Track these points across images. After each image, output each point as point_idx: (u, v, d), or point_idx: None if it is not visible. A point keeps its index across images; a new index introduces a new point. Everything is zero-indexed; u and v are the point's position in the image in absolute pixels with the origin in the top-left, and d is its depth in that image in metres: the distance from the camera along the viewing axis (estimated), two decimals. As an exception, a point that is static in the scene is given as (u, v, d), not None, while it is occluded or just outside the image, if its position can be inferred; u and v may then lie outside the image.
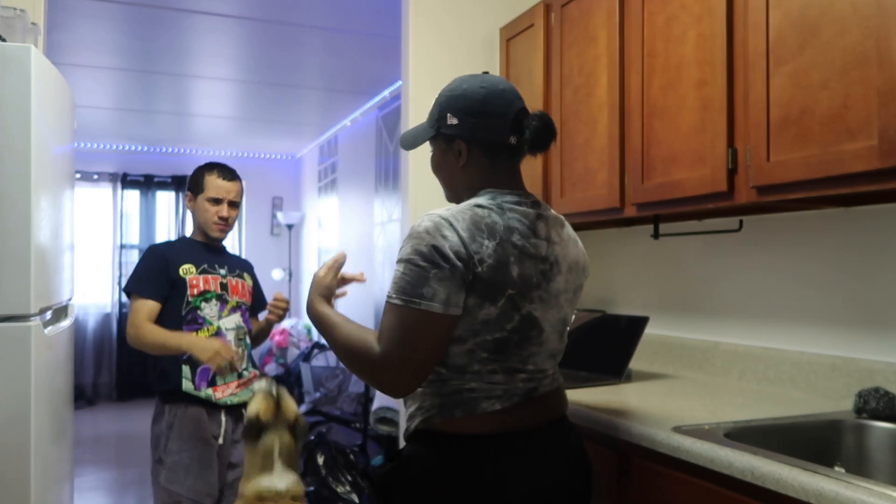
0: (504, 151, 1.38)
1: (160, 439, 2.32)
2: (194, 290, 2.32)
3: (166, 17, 3.79)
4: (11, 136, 1.70)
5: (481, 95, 1.36)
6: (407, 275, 1.24)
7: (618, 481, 1.61)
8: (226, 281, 2.41)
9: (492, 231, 1.27)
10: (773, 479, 1.19)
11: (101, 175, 7.29)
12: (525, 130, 1.36)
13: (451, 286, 1.23)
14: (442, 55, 2.89)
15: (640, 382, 2.12)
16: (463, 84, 1.40)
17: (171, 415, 2.29)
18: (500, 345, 1.29)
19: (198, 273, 2.35)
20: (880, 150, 1.39)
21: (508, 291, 1.27)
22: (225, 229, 2.44)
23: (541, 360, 1.35)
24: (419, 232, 1.26)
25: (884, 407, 1.55)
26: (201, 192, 2.41)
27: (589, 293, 2.93)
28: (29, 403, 1.70)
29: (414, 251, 1.25)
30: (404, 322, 1.23)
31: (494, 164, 1.39)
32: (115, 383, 7.25)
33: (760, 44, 1.67)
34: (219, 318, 2.35)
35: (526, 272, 1.29)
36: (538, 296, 1.31)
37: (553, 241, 1.38)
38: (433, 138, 1.44)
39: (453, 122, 1.38)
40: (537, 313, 1.31)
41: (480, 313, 1.26)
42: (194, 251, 2.42)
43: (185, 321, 2.30)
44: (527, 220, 1.34)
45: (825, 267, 1.91)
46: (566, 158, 2.48)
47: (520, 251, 1.30)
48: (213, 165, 2.46)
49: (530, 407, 1.34)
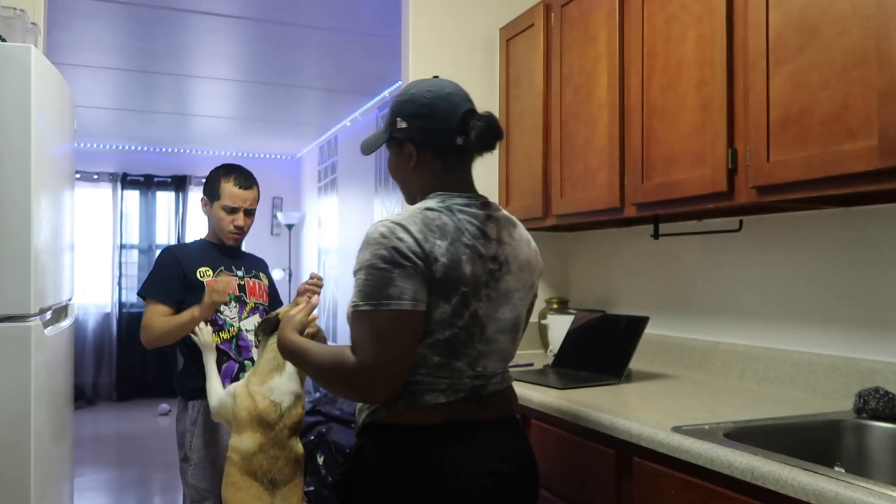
0: (452, 153, 1.41)
1: (185, 436, 2.31)
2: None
3: (166, 17, 3.79)
4: (11, 136, 1.70)
5: (428, 99, 1.40)
6: (370, 280, 1.26)
7: (618, 481, 1.61)
8: (243, 283, 2.40)
9: (443, 231, 1.31)
10: (773, 479, 1.19)
11: (101, 175, 7.29)
12: (471, 131, 1.37)
13: (415, 283, 1.26)
14: (442, 55, 2.90)
15: (640, 382, 2.12)
16: (411, 89, 1.44)
17: (195, 411, 2.29)
18: (450, 344, 1.31)
19: (215, 275, 2.35)
20: (880, 150, 1.39)
21: (462, 289, 1.30)
22: (239, 238, 2.44)
23: (488, 360, 1.37)
24: (375, 238, 1.29)
25: (884, 407, 1.55)
26: (217, 199, 2.38)
27: (589, 293, 2.93)
28: (29, 403, 1.70)
29: (373, 256, 1.27)
30: (376, 326, 1.25)
31: (444, 166, 1.42)
32: (115, 383, 7.25)
33: (760, 44, 1.67)
34: (239, 320, 2.35)
35: (476, 271, 1.32)
36: (486, 294, 1.34)
37: (503, 242, 1.40)
38: (388, 142, 1.47)
39: (402, 125, 1.41)
40: (482, 312, 1.34)
41: (436, 312, 1.29)
42: (210, 253, 2.41)
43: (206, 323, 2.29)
44: (476, 221, 1.37)
45: (825, 267, 1.91)
46: (566, 158, 2.48)
47: (471, 251, 1.32)
48: (231, 170, 2.42)
49: (478, 403, 1.36)
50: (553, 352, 2.56)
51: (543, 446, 1.90)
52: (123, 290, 7.32)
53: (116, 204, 7.34)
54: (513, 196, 2.85)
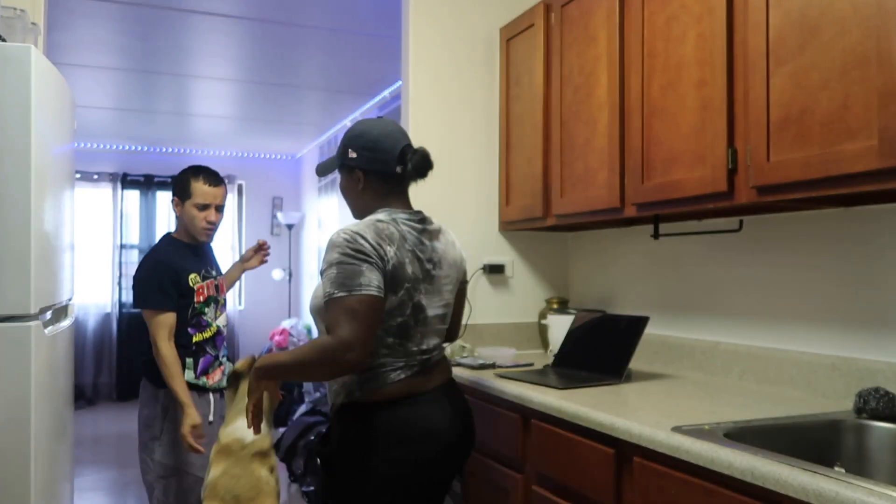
0: (393, 178, 1.75)
1: (154, 420, 2.46)
2: (200, 298, 2.52)
3: (166, 17, 3.79)
4: (11, 136, 1.70)
5: (374, 135, 1.75)
6: (342, 272, 1.55)
7: (618, 481, 1.61)
8: (217, 283, 2.63)
9: (391, 238, 1.64)
10: (773, 479, 1.19)
11: (101, 175, 7.29)
12: (408, 162, 1.73)
13: (377, 275, 1.57)
14: (442, 55, 2.90)
15: (640, 382, 2.12)
16: (361, 126, 1.79)
17: (167, 398, 2.44)
18: (401, 328, 1.66)
19: (201, 281, 2.54)
20: (880, 150, 1.39)
21: (406, 285, 1.64)
22: (212, 233, 2.60)
23: (430, 339, 1.73)
24: (341, 242, 1.59)
25: (884, 407, 1.55)
26: (188, 198, 2.52)
27: (589, 293, 2.93)
28: (29, 403, 1.70)
29: (342, 255, 1.57)
30: (350, 308, 1.52)
31: (386, 189, 1.76)
32: (115, 383, 7.25)
33: (760, 44, 1.67)
34: (216, 319, 2.60)
35: (416, 270, 1.67)
36: (424, 288, 1.69)
37: (436, 247, 1.75)
38: (340, 168, 1.81)
39: (353, 155, 1.76)
40: (424, 301, 1.69)
41: (387, 302, 1.61)
42: (189, 257, 2.56)
43: (191, 324, 2.51)
44: (415, 232, 1.71)
45: (825, 267, 1.91)
46: (566, 158, 2.48)
47: (412, 254, 1.66)
48: (199, 170, 2.56)
49: (426, 374, 1.71)
50: (553, 352, 2.56)
51: (543, 446, 1.90)
52: (123, 290, 7.32)
53: (116, 204, 7.34)
54: (513, 196, 2.85)
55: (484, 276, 2.93)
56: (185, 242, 2.57)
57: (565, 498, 1.81)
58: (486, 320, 2.91)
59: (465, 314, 2.69)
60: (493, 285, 2.95)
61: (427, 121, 2.87)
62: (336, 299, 1.54)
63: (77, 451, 4.58)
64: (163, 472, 2.44)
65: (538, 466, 1.93)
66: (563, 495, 1.82)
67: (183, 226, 2.57)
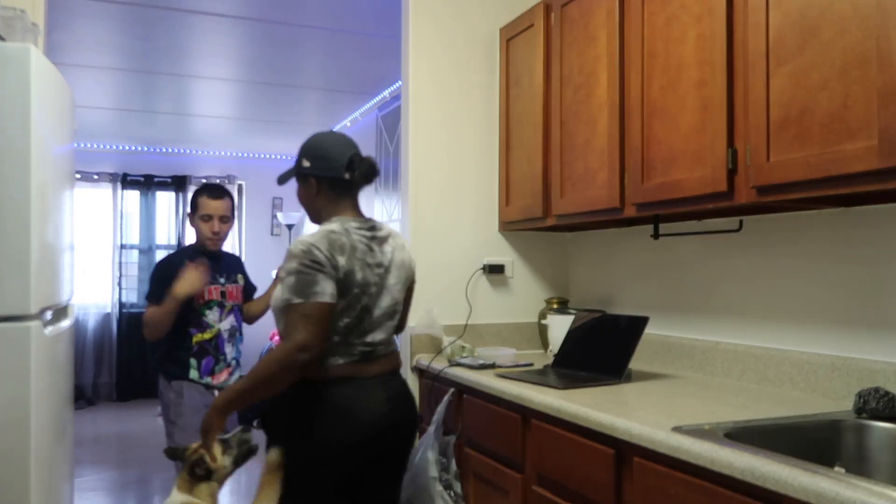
0: (342, 185, 1.92)
1: (169, 407, 2.75)
2: (200, 300, 2.75)
3: (166, 17, 3.79)
4: (11, 136, 1.70)
5: (325, 145, 1.94)
6: (299, 281, 1.73)
7: (618, 481, 1.61)
8: (225, 289, 2.85)
9: (343, 248, 1.80)
10: (773, 479, 1.19)
11: (101, 175, 7.28)
12: (356, 169, 1.91)
13: (331, 284, 1.75)
14: (442, 55, 2.90)
15: (640, 382, 2.12)
16: (315, 138, 1.97)
17: (179, 386, 2.74)
18: (347, 328, 1.83)
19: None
20: (880, 150, 1.39)
21: (355, 290, 1.82)
22: (217, 242, 2.87)
23: (375, 334, 1.88)
24: (299, 252, 1.76)
25: (884, 407, 1.55)
26: (196, 211, 2.85)
27: (589, 293, 2.93)
28: (29, 403, 1.70)
29: (300, 264, 1.74)
30: (305, 313, 1.72)
31: (337, 194, 1.93)
32: (115, 383, 7.24)
33: (760, 44, 1.67)
34: (219, 322, 2.82)
35: (366, 276, 1.84)
36: (374, 292, 1.86)
37: (385, 252, 1.91)
38: (297, 176, 1.98)
39: (307, 164, 1.93)
40: (371, 303, 1.86)
41: (338, 305, 1.79)
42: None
43: (192, 324, 2.76)
44: (365, 240, 1.87)
45: (825, 267, 1.91)
46: (566, 158, 2.48)
47: (361, 262, 1.83)
48: (205, 188, 2.91)
49: (369, 363, 1.87)
50: (553, 352, 2.56)
51: (543, 446, 1.90)
52: (123, 290, 7.31)
53: (116, 204, 7.33)
54: (513, 196, 2.85)
55: (484, 276, 2.93)
56: (199, 250, 2.86)
57: (565, 498, 1.81)
58: (486, 320, 2.91)
59: (465, 314, 2.76)
60: (493, 285, 2.95)
61: (427, 121, 2.87)
62: (294, 305, 1.73)
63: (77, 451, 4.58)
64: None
65: (538, 466, 1.93)
66: (563, 495, 1.82)
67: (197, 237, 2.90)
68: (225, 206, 2.85)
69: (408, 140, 2.88)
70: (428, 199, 2.87)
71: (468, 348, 2.67)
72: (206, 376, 2.76)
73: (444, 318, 2.80)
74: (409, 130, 2.87)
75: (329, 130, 2.03)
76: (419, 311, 2.77)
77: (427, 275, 2.81)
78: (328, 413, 1.80)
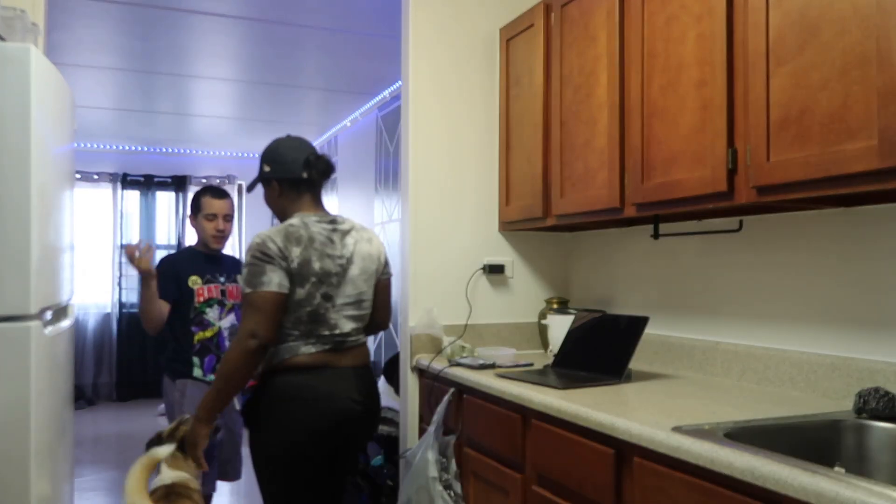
0: (302, 183, 2.08)
1: (174, 407, 2.82)
2: (200, 298, 2.87)
3: (166, 17, 3.79)
4: (11, 136, 1.70)
5: (282, 149, 2.10)
6: (250, 272, 1.89)
7: (618, 481, 1.61)
8: (225, 287, 2.95)
9: (299, 240, 1.94)
10: (773, 479, 1.19)
11: (101, 175, 7.29)
12: (313, 167, 2.07)
13: (280, 274, 1.89)
14: (442, 55, 2.90)
15: (640, 382, 2.12)
16: (272, 143, 2.14)
17: (182, 385, 2.83)
18: (312, 315, 1.95)
19: (203, 283, 2.90)
20: (880, 150, 1.39)
21: (312, 279, 1.94)
22: (222, 240, 2.97)
23: (343, 324, 2.01)
24: (254, 245, 1.91)
25: (884, 407, 1.55)
26: (200, 211, 2.95)
27: (589, 293, 2.93)
28: (29, 403, 1.70)
29: (252, 256, 1.90)
30: (254, 302, 1.87)
31: (299, 193, 2.08)
32: (115, 383, 7.24)
33: (760, 44, 1.67)
34: (219, 320, 2.91)
35: (326, 266, 1.97)
36: (336, 281, 1.99)
37: (346, 244, 2.04)
38: (261, 182, 2.13)
39: (267, 169, 2.10)
40: (333, 292, 1.98)
41: (295, 294, 1.92)
42: (198, 262, 2.95)
43: (193, 322, 2.87)
44: (326, 232, 2.01)
45: (825, 267, 1.91)
46: (566, 158, 2.48)
47: (320, 252, 1.96)
48: (207, 189, 3.00)
49: (339, 354, 2.00)
50: (553, 352, 2.56)
51: (543, 446, 1.90)
52: (123, 290, 7.31)
53: (116, 204, 7.33)
54: (513, 196, 2.85)
55: (484, 276, 2.93)
56: (199, 251, 2.98)
57: (565, 498, 1.81)
58: (486, 320, 2.91)
59: (465, 314, 2.76)
60: (493, 285, 2.95)
61: (427, 121, 2.87)
62: (245, 294, 1.90)
63: (77, 451, 4.58)
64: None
65: (538, 466, 1.93)
66: (563, 495, 1.82)
67: (199, 237, 2.98)
68: (228, 205, 2.98)
69: (408, 140, 2.88)
70: (428, 200, 2.87)
71: (468, 348, 2.67)
72: (210, 374, 2.84)
73: (444, 318, 2.80)
74: (409, 130, 2.87)
75: (286, 135, 2.18)
76: (419, 311, 2.77)
77: (427, 275, 2.81)
78: (304, 399, 1.92)
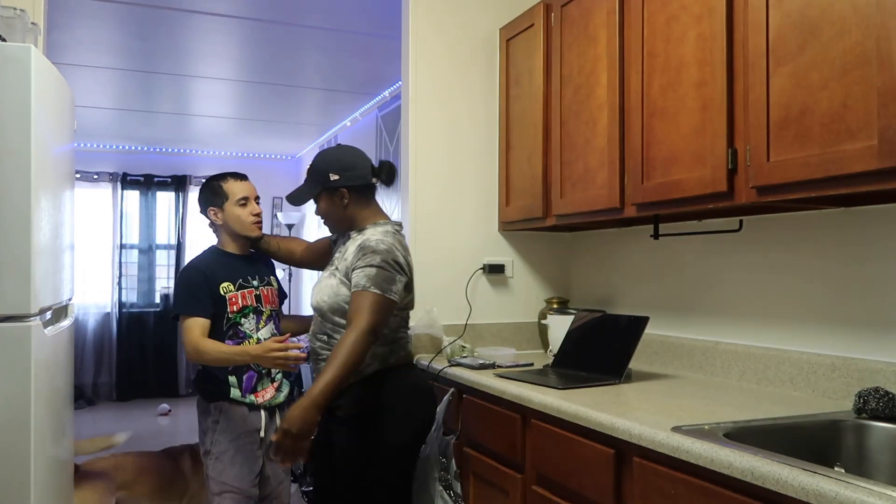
0: (371, 189, 2.15)
1: (207, 433, 2.42)
2: (234, 307, 2.40)
3: (166, 17, 3.79)
4: (11, 136, 1.70)
5: (348, 157, 2.12)
6: (381, 276, 1.94)
7: (618, 481, 1.61)
8: (259, 292, 2.49)
9: (406, 250, 2.08)
10: (773, 479, 1.19)
11: (101, 175, 7.29)
12: (381, 173, 2.13)
13: (402, 285, 1.99)
14: (442, 55, 2.90)
15: (640, 382, 2.12)
16: (332, 153, 2.15)
17: (217, 411, 2.40)
18: (406, 316, 2.16)
19: (235, 290, 2.42)
20: (880, 150, 1.39)
21: (411, 285, 2.10)
22: (261, 224, 2.52)
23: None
24: (384, 249, 1.97)
25: (884, 407, 1.55)
26: (227, 199, 2.44)
27: (589, 293, 2.93)
28: (29, 403, 1.70)
29: (383, 261, 1.95)
30: (382, 305, 1.93)
31: (368, 200, 2.15)
32: (115, 383, 7.24)
33: (760, 44, 1.67)
34: (256, 331, 2.45)
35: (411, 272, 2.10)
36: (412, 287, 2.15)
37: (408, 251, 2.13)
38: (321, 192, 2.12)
39: (335, 178, 2.08)
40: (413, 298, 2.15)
41: (406, 299, 2.07)
42: (228, 265, 2.45)
43: (227, 336, 2.38)
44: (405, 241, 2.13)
45: (825, 267, 1.91)
46: (566, 158, 2.48)
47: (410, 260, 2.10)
48: (224, 174, 2.51)
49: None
50: (553, 352, 2.56)
51: (543, 446, 1.90)
52: (123, 290, 7.32)
53: (116, 204, 7.33)
54: (513, 196, 2.85)
55: (484, 276, 2.93)
56: (227, 252, 2.49)
57: (565, 498, 1.81)
58: (486, 320, 2.91)
59: (465, 314, 2.76)
60: (493, 285, 2.95)
61: (427, 121, 2.87)
62: (373, 294, 1.92)
63: (77, 451, 4.55)
64: (215, 488, 2.39)
65: (538, 466, 1.93)
66: (563, 495, 1.82)
67: (226, 234, 2.48)
68: (252, 186, 2.53)
69: (408, 140, 2.88)
70: (428, 199, 2.87)
71: (468, 348, 2.67)
72: (249, 394, 2.41)
73: (444, 318, 2.80)
74: (409, 130, 2.87)
75: (337, 145, 2.21)
76: (419, 310, 2.77)
77: (427, 274, 2.81)
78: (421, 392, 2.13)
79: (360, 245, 2.00)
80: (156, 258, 7.49)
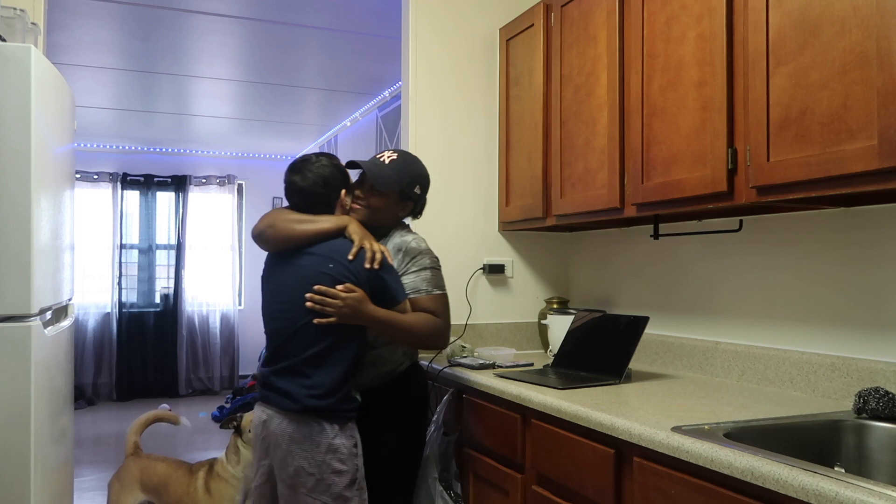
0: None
1: (346, 461, 1.93)
2: None
3: (166, 17, 3.79)
4: (11, 136, 1.70)
5: (429, 179, 2.26)
6: (437, 277, 2.13)
7: (618, 481, 1.61)
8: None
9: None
10: (773, 479, 1.19)
11: (101, 175, 7.29)
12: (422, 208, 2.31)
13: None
14: (442, 55, 2.90)
15: (640, 382, 2.12)
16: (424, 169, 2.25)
17: (356, 433, 1.99)
18: None
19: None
20: (880, 150, 1.39)
21: None
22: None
23: None
24: (426, 250, 2.14)
25: (884, 407, 1.55)
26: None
27: (589, 293, 2.93)
28: (29, 403, 1.70)
29: (434, 263, 2.15)
30: (445, 303, 2.12)
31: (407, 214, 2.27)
32: (115, 383, 7.24)
33: (760, 44, 1.67)
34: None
35: None
36: None
37: None
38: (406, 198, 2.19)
39: (418, 191, 2.21)
40: None
41: None
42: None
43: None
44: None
45: (825, 267, 1.91)
46: (566, 158, 2.48)
47: None
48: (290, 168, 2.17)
49: None
50: (553, 352, 2.56)
51: (543, 446, 1.90)
52: (123, 290, 7.32)
53: (116, 204, 7.33)
54: (513, 196, 2.85)
55: (484, 276, 2.93)
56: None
57: (565, 498, 1.81)
58: (486, 320, 2.91)
59: (465, 314, 2.75)
60: (492, 285, 2.95)
61: (427, 121, 2.87)
62: (440, 295, 2.10)
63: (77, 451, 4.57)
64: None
65: (538, 466, 1.93)
66: (563, 495, 1.82)
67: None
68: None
69: (408, 140, 2.88)
70: (428, 199, 2.87)
71: (468, 348, 2.67)
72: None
73: (444, 318, 2.79)
74: (409, 130, 2.87)
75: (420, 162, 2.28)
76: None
77: (427, 275, 2.80)
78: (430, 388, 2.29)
79: (403, 251, 2.11)
80: (156, 258, 7.49)
